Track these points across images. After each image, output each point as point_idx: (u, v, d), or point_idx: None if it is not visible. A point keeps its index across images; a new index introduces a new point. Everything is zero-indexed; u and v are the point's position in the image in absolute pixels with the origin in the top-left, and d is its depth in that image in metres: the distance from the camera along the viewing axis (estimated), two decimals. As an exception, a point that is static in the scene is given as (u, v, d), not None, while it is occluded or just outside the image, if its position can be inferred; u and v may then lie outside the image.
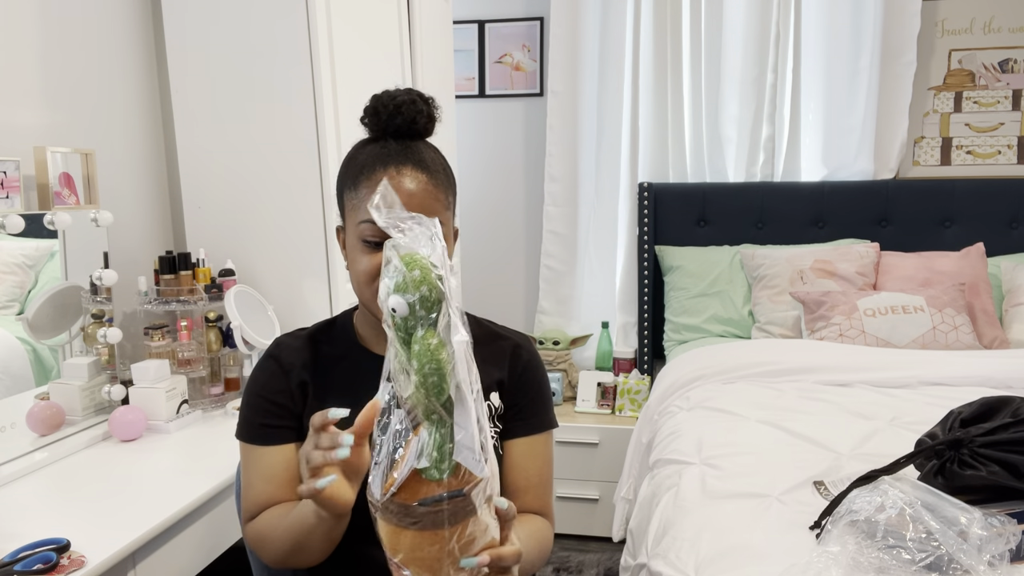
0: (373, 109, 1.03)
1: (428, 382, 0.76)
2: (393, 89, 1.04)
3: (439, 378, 0.76)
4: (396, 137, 1.03)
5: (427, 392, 0.76)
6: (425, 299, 0.76)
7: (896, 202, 2.82)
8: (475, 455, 0.77)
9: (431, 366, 0.76)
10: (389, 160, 1.00)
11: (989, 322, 2.48)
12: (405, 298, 0.76)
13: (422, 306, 0.76)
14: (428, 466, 0.77)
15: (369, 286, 1.00)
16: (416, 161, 1.01)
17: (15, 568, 1.08)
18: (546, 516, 1.16)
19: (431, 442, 0.77)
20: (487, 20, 3.18)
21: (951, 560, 1.01)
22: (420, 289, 0.76)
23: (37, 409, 1.55)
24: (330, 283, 2.01)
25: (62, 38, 1.82)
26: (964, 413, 1.31)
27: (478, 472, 0.78)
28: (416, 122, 1.03)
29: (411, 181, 0.99)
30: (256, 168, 2.01)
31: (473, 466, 0.77)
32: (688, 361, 2.32)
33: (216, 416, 1.87)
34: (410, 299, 0.76)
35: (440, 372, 0.76)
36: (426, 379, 0.76)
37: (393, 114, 1.02)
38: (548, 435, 1.17)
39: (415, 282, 0.76)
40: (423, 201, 1.00)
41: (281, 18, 1.92)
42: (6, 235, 1.49)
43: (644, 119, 3.01)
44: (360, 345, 1.11)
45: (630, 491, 2.18)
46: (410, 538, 0.78)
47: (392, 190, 0.82)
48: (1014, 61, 2.85)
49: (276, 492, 1.06)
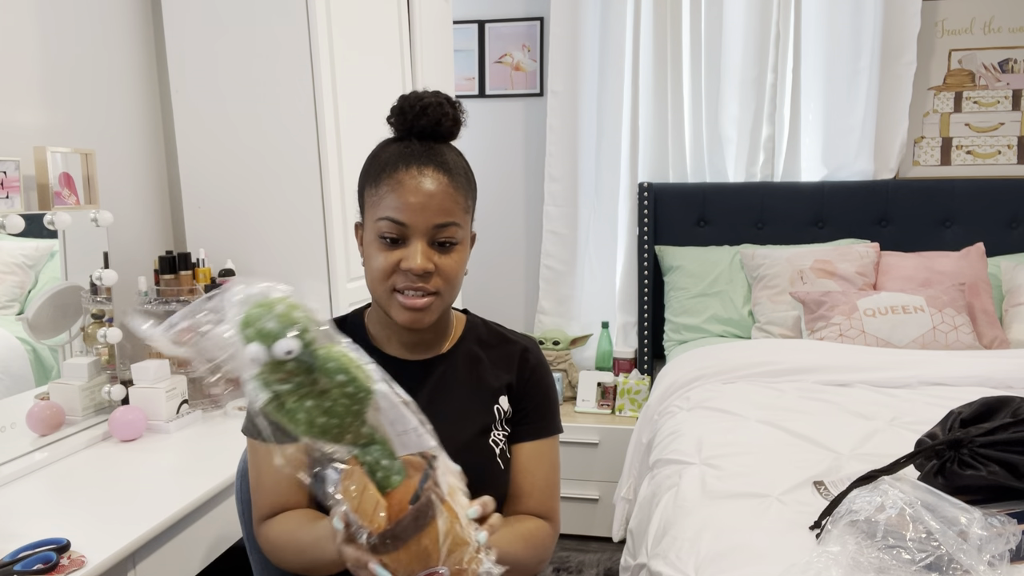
0: (400, 109, 1.04)
1: (359, 378, 0.75)
2: (421, 90, 1.05)
3: (358, 382, 0.76)
4: (420, 138, 1.04)
5: (364, 391, 0.76)
6: (308, 322, 0.76)
7: (896, 202, 2.82)
8: (416, 430, 0.77)
9: (354, 363, 0.76)
10: (411, 160, 1.01)
11: (989, 322, 2.48)
12: (291, 334, 0.74)
13: (309, 328, 0.75)
14: (389, 474, 0.77)
15: (383, 283, 1.01)
16: (438, 162, 1.02)
17: (15, 568, 1.08)
18: (551, 520, 1.15)
19: (376, 455, 0.77)
20: (487, 20, 3.18)
21: (951, 560, 1.01)
22: (297, 316, 0.75)
23: (37, 409, 1.55)
24: (330, 283, 2.01)
25: (62, 38, 1.82)
26: (964, 413, 1.31)
27: (427, 443, 0.78)
28: (441, 124, 1.03)
29: (431, 182, 1.00)
30: (256, 168, 2.01)
31: (419, 443, 0.78)
32: (688, 361, 2.32)
33: (216, 416, 1.87)
34: (294, 333, 0.74)
35: (361, 365, 0.76)
36: (357, 378, 0.75)
37: (419, 115, 1.02)
38: (554, 439, 1.17)
39: (290, 315, 0.74)
40: (442, 202, 1.00)
41: (281, 18, 1.92)
42: (6, 235, 1.49)
43: (644, 119, 3.01)
44: (371, 344, 1.11)
45: (630, 491, 2.18)
46: (423, 540, 0.77)
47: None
48: (1014, 61, 2.85)
49: (286, 493, 1.06)
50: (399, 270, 1.00)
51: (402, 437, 0.78)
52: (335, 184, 1.98)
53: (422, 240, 1.00)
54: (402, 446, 0.78)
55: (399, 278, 1.00)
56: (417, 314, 1.01)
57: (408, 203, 0.99)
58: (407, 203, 0.99)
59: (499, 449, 1.08)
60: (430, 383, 1.09)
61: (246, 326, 0.74)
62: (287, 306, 0.75)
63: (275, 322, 0.74)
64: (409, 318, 1.01)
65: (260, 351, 0.73)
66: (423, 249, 1.00)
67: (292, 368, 0.74)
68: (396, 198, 0.99)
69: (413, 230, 0.99)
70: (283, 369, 0.74)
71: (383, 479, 0.78)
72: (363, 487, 0.77)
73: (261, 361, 0.74)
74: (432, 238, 1.01)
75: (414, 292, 1.00)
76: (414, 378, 1.08)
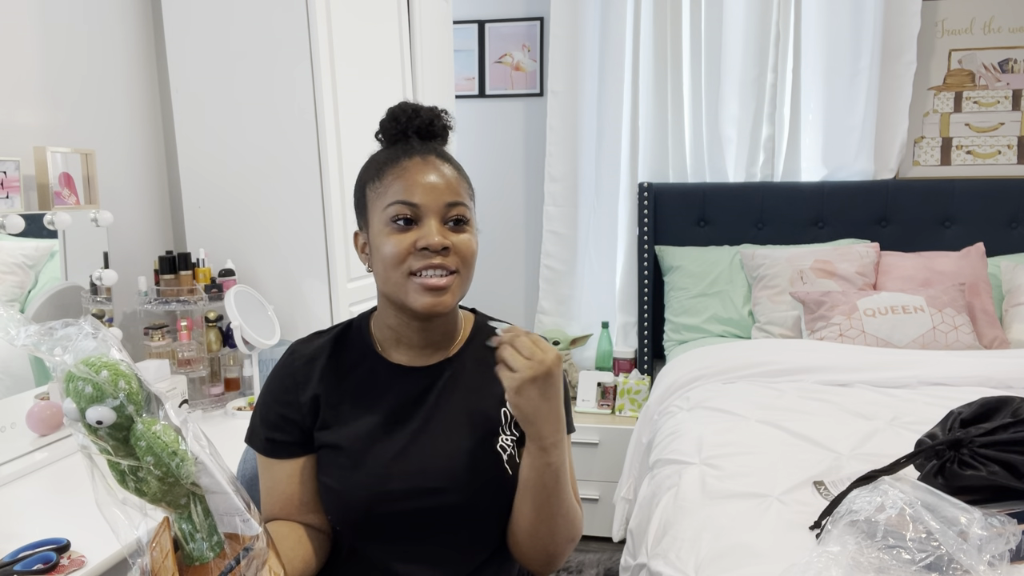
0: (392, 115, 1.06)
1: (170, 467, 0.73)
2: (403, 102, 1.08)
3: (180, 458, 0.73)
4: (417, 136, 1.06)
5: (174, 477, 0.73)
6: (131, 395, 0.73)
7: (896, 202, 2.82)
8: (242, 516, 0.76)
9: (168, 451, 0.73)
10: (413, 152, 1.02)
11: (989, 322, 2.48)
12: (108, 405, 0.71)
13: (131, 402, 0.73)
14: (200, 551, 0.75)
15: (398, 268, 0.99)
16: (439, 153, 1.04)
17: (15, 568, 1.08)
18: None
19: (192, 525, 0.76)
20: (487, 20, 3.18)
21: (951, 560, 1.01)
22: (119, 386, 0.72)
23: (37, 409, 1.55)
24: (330, 283, 2.01)
25: (62, 38, 1.82)
26: (964, 413, 1.31)
27: (250, 531, 0.76)
28: (434, 124, 1.06)
29: (441, 167, 1.02)
30: (256, 168, 2.01)
31: (243, 527, 0.76)
32: (688, 361, 2.32)
33: (216, 416, 1.87)
34: (114, 403, 0.71)
35: (177, 452, 0.73)
36: (168, 465, 0.73)
37: (412, 116, 1.05)
38: (567, 439, 1.16)
39: (111, 384, 0.72)
40: (449, 183, 1.01)
41: (281, 18, 1.92)
42: (6, 235, 1.49)
43: (644, 119, 3.01)
44: (375, 352, 1.09)
45: (630, 491, 2.18)
46: None
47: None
48: (1014, 61, 2.85)
49: (276, 506, 1.06)
50: (415, 252, 0.98)
51: (224, 518, 0.76)
52: (335, 184, 1.98)
53: (435, 218, 0.99)
54: (224, 526, 0.76)
55: (415, 260, 0.98)
56: (438, 296, 0.99)
57: (418, 183, 0.99)
58: (417, 183, 0.99)
59: (507, 454, 1.06)
60: (436, 389, 1.07)
61: (69, 380, 0.72)
62: (113, 374, 0.72)
63: (93, 388, 0.71)
64: (430, 301, 0.99)
65: (74, 411, 0.72)
66: (437, 227, 0.99)
67: (103, 435, 0.73)
68: (404, 183, 0.99)
69: (425, 210, 0.99)
70: (95, 433, 0.72)
71: (192, 550, 0.76)
72: (166, 553, 0.75)
73: (73, 419, 0.72)
74: (444, 216, 1.00)
75: (433, 271, 0.98)
76: (420, 385, 1.07)
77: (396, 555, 1.04)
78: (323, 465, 1.05)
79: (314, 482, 1.06)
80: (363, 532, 1.03)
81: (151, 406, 0.75)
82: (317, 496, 1.06)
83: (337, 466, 1.03)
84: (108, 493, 0.75)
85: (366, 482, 1.01)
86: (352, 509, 1.02)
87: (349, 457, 1.03)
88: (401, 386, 1.07)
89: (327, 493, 1.04)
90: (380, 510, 1.01)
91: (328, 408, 1.06)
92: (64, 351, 0.73)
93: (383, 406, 1.06)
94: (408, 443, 1.04)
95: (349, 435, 1.04)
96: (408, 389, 1.07)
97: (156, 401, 0.75)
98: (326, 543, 1.08)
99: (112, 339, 0.75)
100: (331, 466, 1.04)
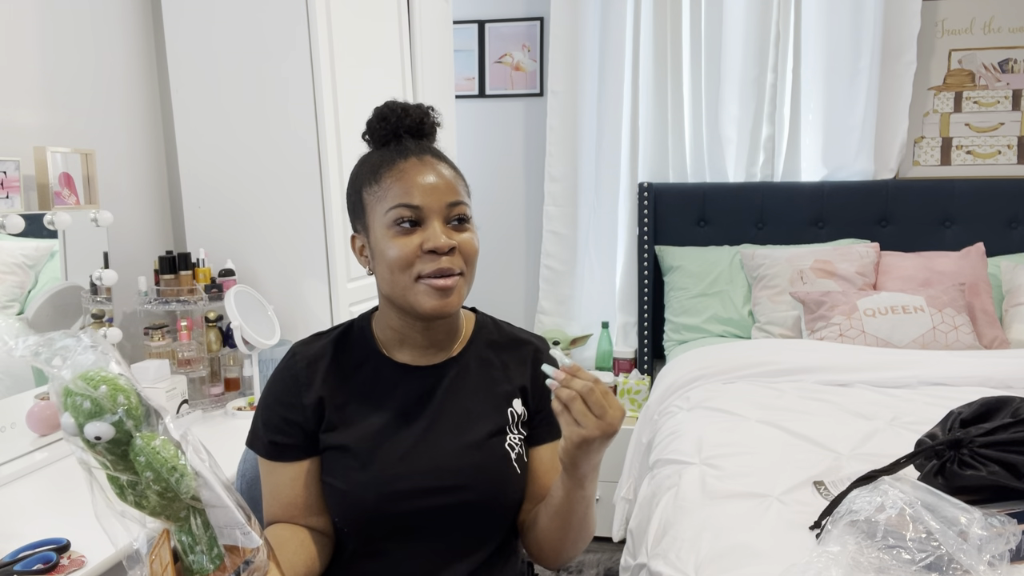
0: (381, 115, 1.05)
1: (170, 482, 0.73)
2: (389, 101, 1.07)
3: (180, 473, 0.73)
4: (409, 135, 1.05)
5: (174, 492, 0.73)
6: (130, 410, 0.72)
7: (896, 202, 2.82)
8: (242, 528, 0.76)
9: (167, 466, 0.72)
10: (408, 152, 1.02)
11: (989, 322, 2.48)
12: (106, 420, 0.71)
13: (130, 417, 0.72)
14: (201, 564, 0.75)
15: (405, 272, 0.98)
16: (434, 152, 1.04)
17: (15, 568, 1.08)
18: None
19: (192, 537, 0.75)
20: (487, 20, 3.18)
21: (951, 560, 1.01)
22: (118, 402, 0.71)
23: (37, 409, 1.55)
24: (330, 283, 2.01)
25: (62, 38, 1.82)
26: (964, 413, 1.31)
27: (251, 543, 0.77)
28: (424, 122, 1.06)
29: (439, 167, 1.02)
30: (256, 168, 2.01)
31: (243, 540, 0.76)
32: (688, 361, 2.32)
33: (216, 416, 1.87)
34: (113, 419, 0.71)
35: (177, 467, 0.73)
36: (167, 480, 0.72)
37: (402, 115, 1.04)
38: None
39: (110, 399, 0.71)
40: (454, 187, 1.01)
41: (281, 18, 1.92)
42: (6, 235, 1.49)
43: (644, 119, 3.01)
44: (379, 351, 1.09)
45: (630, 491, 2.18)
46: None
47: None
48: (1014, 61, 2.85)
49: (278, 509, 1.06)
50: (421, 255, 0.98)
51: (225, 531, 0.76)
52: (335, 184, 1.98)
53: (438, 219, 0.99)
54: (224, 539, 0.77)
55: (422, 264, 0.98)
56: (446, 297, 0.99)
57: (418, 185, 0.99)
58: (416, 185, 0.99)
59: (515, 453, 1.06)
60: (441, 388, 1.07)
61: (67, 395, 0.71)
62: (112, 389, 0.71)
63: (91, 403, 0.71)
64: (438, 303, 0.98)
65: (72, 426, 0.71)
66: (442, 227, 0.99)
67: (102, 450, 0.72)
68: (403, 185, 0.99)
69: (428, 211, 0.99)
70: (94, 448, 0.72)
71: (192, 563, 0.76)
72: (165, 566, 0.75)
73: (71, 434, 0.72)
74: (447, 216, 1.00)
75: (439, 275, 0.98)
76: (425, 384, 1.07)
77: (402, 554, 1.04)
78: (329, 467, 1.04)
79: (317, 485, 1.06)
80: (370, 532, 1.03)
81: (150, 420, 0.74)
82: (321, 499, 1.06)
83: (344, 467, 1.03)
84: (107, 505, 0.75)
85: (375, 482, 1.01)
86: (360, 509, 1.02)
87: (357, 458, 1.02)
88: (407, 385, 1.07)
89: (333, 494, 1.04)
90: (388, 510, 1.01)
91: (333, 410, 1.05)
92: (63, 363, 0.72)
93: (390, 406, 1.05)
94: (417, 442, 1.04)
95: (356, 435, 1.04)
96: (414, 388, 1.07)
97: (156, 415, 0.75)
98: (329, 545, 1.08)
99: (111, 352, 0.75)
100: (338, 467, 1.03)
